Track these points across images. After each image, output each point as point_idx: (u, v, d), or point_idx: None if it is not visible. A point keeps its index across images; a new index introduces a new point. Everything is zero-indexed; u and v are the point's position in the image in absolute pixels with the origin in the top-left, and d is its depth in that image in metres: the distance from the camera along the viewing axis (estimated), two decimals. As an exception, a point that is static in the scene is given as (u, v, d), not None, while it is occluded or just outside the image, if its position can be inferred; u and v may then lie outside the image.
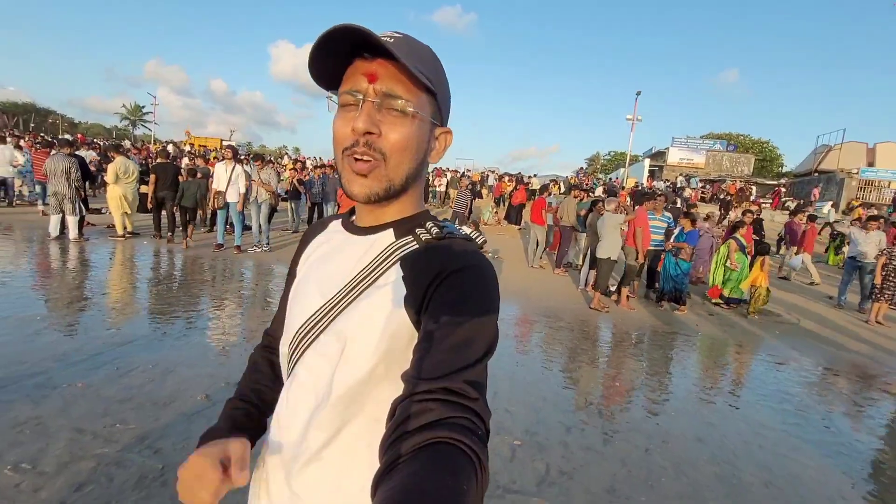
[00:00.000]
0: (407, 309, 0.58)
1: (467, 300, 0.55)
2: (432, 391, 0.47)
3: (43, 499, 1.92)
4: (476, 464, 0.42)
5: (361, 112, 0.58)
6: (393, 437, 0.45)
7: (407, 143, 0.60)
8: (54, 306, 4.35)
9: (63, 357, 3.26)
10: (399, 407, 0.48)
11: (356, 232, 0.68)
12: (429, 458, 0.41)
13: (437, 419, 0.45)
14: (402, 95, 0.59)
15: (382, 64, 0.58)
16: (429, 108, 0.63)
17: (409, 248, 0.62)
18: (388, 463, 0.43)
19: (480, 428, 0.46)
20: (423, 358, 0.51)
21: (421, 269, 0.59)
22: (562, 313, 6.17)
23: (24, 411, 2.53)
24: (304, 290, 0.69)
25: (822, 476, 2.82)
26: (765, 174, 37.60)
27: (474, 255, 0.60)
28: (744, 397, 4.02)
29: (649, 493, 2.43)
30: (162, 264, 6.66)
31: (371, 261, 0.63)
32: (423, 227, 0.64)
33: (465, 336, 0.52)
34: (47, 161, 6.99)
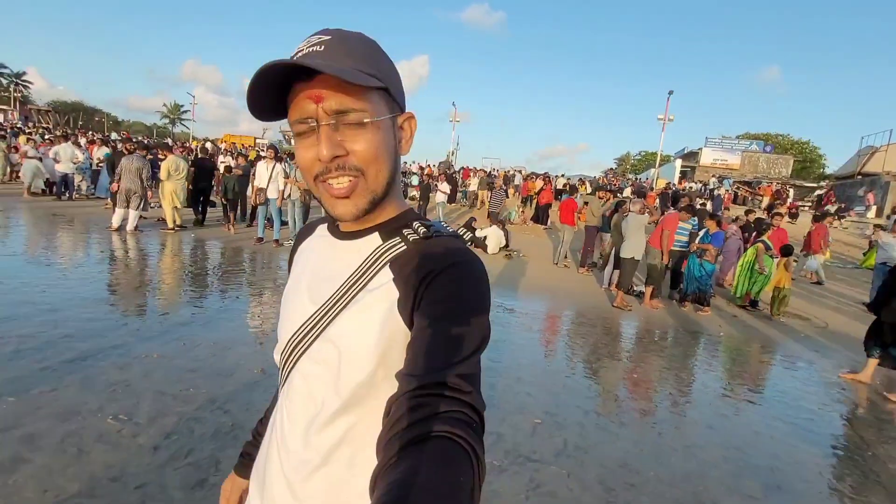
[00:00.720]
0: (400, 311, 0.58)
1: (457, 296, 0.55)
2: (426, 387, 0.47)
3: (141, 443, 2.32)
4: (472, 456, 0.43)
5: (321, 138, 0.57)
6: (389, 434, 0.46)
7: (377, 151, 0.59)
8: (123, 290, 4.87)
9: (137, 333, 3.72)
10: (394, 404, 0.49)
11: (342, 237, 0.68)
12: (425, 453, 0.42)
13: (432, 414, 0.45)
14: (354, 107, 0.56)
15: (323, 80, 0.55)
16: (384, 105, 0.60)
17: (398, 250, 0.62)
18: (386, 460, 0.44)
19: (475, 420, 0.47)
20: (416, 355, 0.52)
21: (411, 269, 0.59)
22: (585, 310, 6.37)
23: (113, 375, 2.98)
24: (295, 297, 0.69)
25: (828, 466, 2.98)
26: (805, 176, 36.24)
27: (462, 252, 0.60)
28: (759, 394, 4.16)
29: (658, 468, 2.66)
30: (209, 255, 7.20)
31: (360, 265, 0.63)
32: (410, 228, 0.64)
33: (457, 332, 0.52)
34: (123, 160, 7.69)
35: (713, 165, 32.53)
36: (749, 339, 5.90)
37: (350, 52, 0.57)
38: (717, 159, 33.24)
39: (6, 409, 2.46)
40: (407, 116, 0.66)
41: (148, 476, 2.09)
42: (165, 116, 64.59)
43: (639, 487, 2.46)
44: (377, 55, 0.61)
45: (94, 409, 2.56)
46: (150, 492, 2.00)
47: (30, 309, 3.92)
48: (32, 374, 2.85)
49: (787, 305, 6.98)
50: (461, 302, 0.55)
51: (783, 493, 2.61)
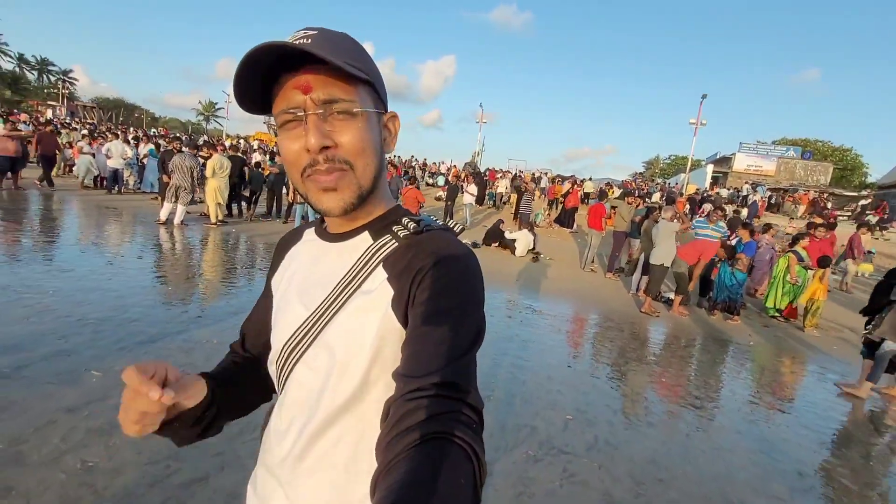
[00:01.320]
0: (394, 309, 0.57)
1: (448, 292, 0.55)
2: (423, 388, 0.47)
3: (213, 417, 2.60)
4: (472, 457, 0.43)
5: (310, 128, 0.56)
6: (388, 436, 0.45)
7: (364, 143, 0.59)
8: (177, 280, 5.25)
9: (195, 320, 4.04)
10: (392, 406, 0.48)
11: (331, 239, 0.67)
12: (425, 455, 0.41)
13: (431, 415, 0.45)
14: (343, 97, 0.56)
15: (311, 70, 0.55)
16: (370, 99, 0.60)
17: (390, 248, 0.61)
18: (386, 462, 0.43)
19: (475, 420, 0.47)
20: (411, 355, 0.51)
21: (403, 266, 0.58)
22: (612, 315, 6.45)
23: (180, 357, 3.29)
24: (287, 303, 0.67)
25: (857, 474, 3.03)
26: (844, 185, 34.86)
27: (453, 246, 0.60)
28: (788, 402, 4.19)
29: (686, 467, 2.79)
30: (251, 248, 7.58)
31: (352, 266, 0.62)
32: (400, 224, 0.63)
33: (451, 329, 0.52)
34: (176, 157, 8.18)
35: (747, 171, 31.66)
36: (779, 350, 5.88)
37: (335, 46, 0.57)
38: (750, 165, 32.33)
39: (96, 383, 2.78)
40: (391, 115, 0.66)
41: (223, 446, 2.35)
42: (201, 114, 66.90)
43: (667, 483, 2.60)
44: (361, 52, 0.61)
45: (170, 386, 2.86)
46: (227, 459, 2.26)
47: (100, 295, 4.30)
48: (112, 353, 3.17)
49: (819, 317, 6.88)
50: (453, 297, 0.54)
51: (810, 496, 2.70)
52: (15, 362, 2.85)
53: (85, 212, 8.79)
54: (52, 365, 2.89)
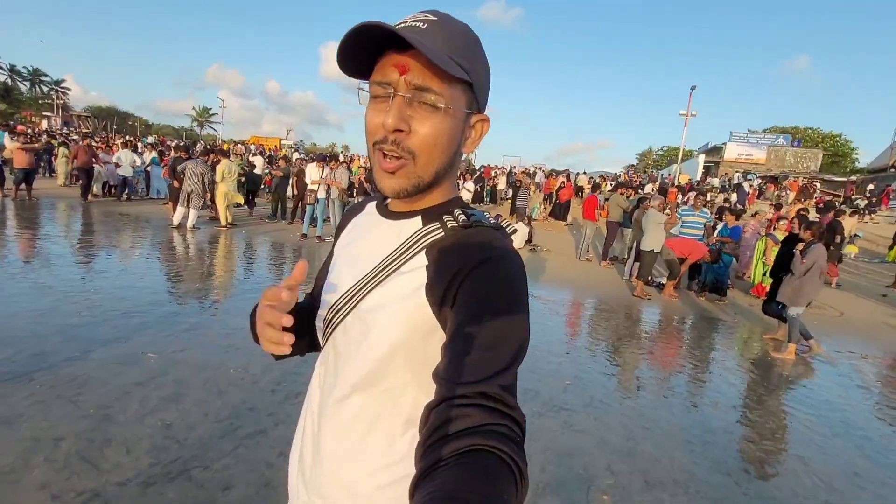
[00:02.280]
0: (429, 298, 0.58)
1: (495, 295, 0.54)
2: (469, 396, 0.47)
3: (261, 387, 3.01)
4: (516, 473, 0.43)
5: (392, 107, 0.57)
6: (430, 441, 0.46)
7: (437, 139, 0.59)
8: (202, 277, 5.65)
9: (227, 312, 4.45)
10: (434, 411, 0.48)
11: (387, 216, 0.69)
12: (469, 465, 0.41)
13: (477, 425, 0.45)
14: (435, 89, 0.57)
15: (415, 54, 0.55)
16: (463, 98, 0.61)
17: (436, 236, 0.62)
18: (428, 466, 0.43)
19: (518, 435, 0.47)
20: (454, 358, 0.51)
21: (447, 257, 0.59)
22: (607, 299, 6.89)
23: (221, 342, 3.69)
24: (338, 269, 0.71)
25: (819, 421, 3.48)
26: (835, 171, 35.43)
27: (501, 245, 0.60)
28: (764, 369, 4.64)
29: (670, 418, 3.22)
30: (263, 250, 7.97)
31: (398, 247, 0.64)
32: (451, 215, 0.63)
33: (496, 335, 0.52)
34: (189, 163, 8.56)
35: (738, 160, 32.17)
36: (761, 326, 6.32)
37: (448, 38, 0.58)
38: (741, 154, 32.84)
39: (153, 363, 3.18)
40: (481, 118, 0.66)
41: (273, 408, 2.76)
42: (195, 120, 66.95)
43: (652, 430, 3.03)
44: (473, 50, 0.61)
45: (218, 363, 3.26)
46: (280, 418, 2.67)
47: (136, 292, 4.69)
48: (161, 339, 3.58)
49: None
50: (498, 301, 0.54)
51: (777, 439, 3.13)
52: (81, 347, 3.25)
53: (101, 219, 9.15)
54: (112, 350, 3.30)
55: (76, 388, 2.73)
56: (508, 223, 0.67)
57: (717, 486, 2.50)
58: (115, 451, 2.22)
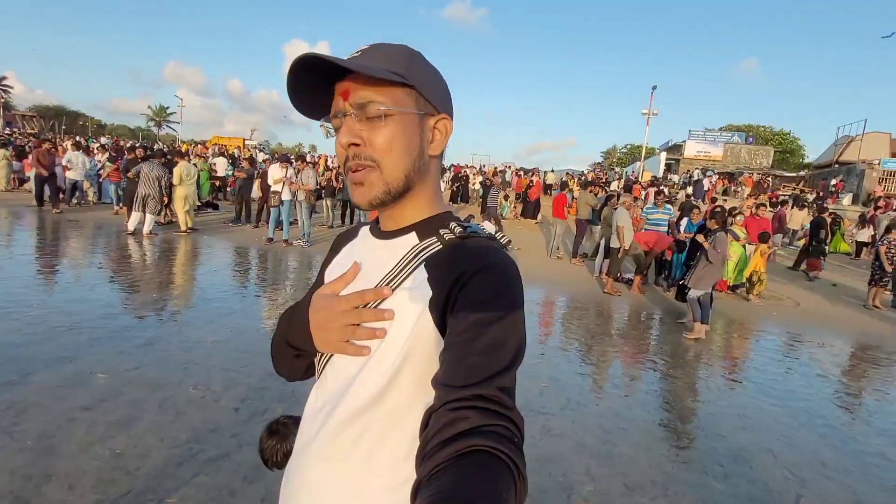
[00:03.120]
0: (431, 311, 0.59)
1: (493, 301, 0.55)
2: (466, 398, 0.47)
3: (223, 406, 2.82)
4: (514, 472, 0.43)
5: (343, 127, 0.61)
6: (430, 445, 0.46)
7: (392, 143, 0.61)
8: (159, 287, 5.32)
9: (188, 323, 4.20)
10: (433, 416, 0.48)
11: (381, 236, 0.70)
12: (468, 467, 0.42)
13: (474, 427, 0.45)
14: (374, 100, 0.60)
15: (353, 79, 0.60)
16: (411, 101, 0.63)
17: (434, 249, 0.63)
18: (428, 471, 0.44)
19: (516, 435, 0.47)
20: (453, 364, 0.51)
21: (445, 269, 0.60)
22: (578, 296, 6.95)
23: (181, 356, 3.46)
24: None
25: (784, 411, 3.58)
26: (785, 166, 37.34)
27: (498, 254, 0.61)
28: (732, 360, 4.77)
29: (646, 415, 3.24)
30: (227, 255, 7.63)
31: (396, 263, 0.64)
32: (447, 228, 0.65)
33: (494, 339, 0.52)
34: (144, 166, 8.07)
35: (697, 157, 33.40)
36: (726, 319, 6.54)
37: (383, 56, 0.62)
38: (700, 151, 34.11)
39: (103, 385, 2.94)
40: (441, 118, 0.67)
41: (237, 428, 2.59)
42: (151, 119, 63.99)
43: (629, 430, 3.03)
44: (411, 60, 0.64)
45: (177, 381, 3.05)
46: (245, 439, 2.50)
47: (87, 305, 4.36)
48: (113, 357, 3.32)
49: (764, 287, 7.64)
50: (496, 307, 0.55)
51: (747, 432, 3.19)
52: (21, 370, 2.97)
53: (48, 226, 8.54)
54: (57, 370, 3.03)
55: (13, 418, 2.48)
56: (503, 234, 0.69)
57: (696, 486, 2.51)
58: (55, 487, 2.01)
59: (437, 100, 0.67)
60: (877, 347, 5.72)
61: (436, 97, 0.67)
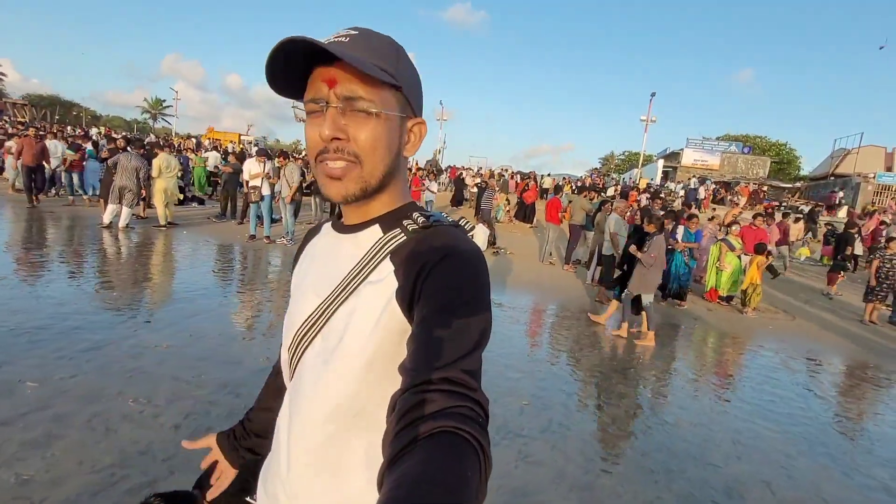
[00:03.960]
0: (399, 302, 0.58)
1: (456, 287, 0.55)
2: (432, 381, 0.48)
3: (162, 422, 2.52)
4: (479, 451, 0.43)
5: (326, 119, 0.59)
6: (396, 429, 0.46)
7: (376, 142, 0.61)
8: (124, 285, 5.00)
9: (145, 325, 3.89)
10: (399, 400, 0.49)
11: (344, 231, 0.69)
12: (433, 448, 0.42)
13: (439, 409, 0.45)
14: (364, 96, 0.59)
15: (340, 67, 0.58)
16: (395, 102, 0.62)
17: (398, 241, 0.63)
18: (393, 454, 0.44)
19: (481, 416, 0.48)
20: (418, 349, 0.52)
21: (410, 260, 0.59)
22: (569, 305, 6.68)
23: (128, 363, 3.16)
24: (301, 293, 0.71)
25: (782, 438, 3.32)
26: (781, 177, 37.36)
27: (462, 241, 0.61)
28: (725, 378, 4.51)
29: (633, 441, 2.96)
30: (205, 252, 7.30)
31: (361, 257, 0.64)
32: (410, 218, 0.64)
33: (458, 324, 0.52)
34: (121, 157, 7.73)
35: (694, 166, 33.33)
36: (720, 332, 6.29)
37: (372, 48, 0.60)
38: (697, 160, 34.05)
39: (31, 394, 2.63)
40: (417, 121, 0.68)
41: (173, 450, 2.29)
42: (146, 112, 63.33)
43: (615, 458, 2.76)
44: (398, 58, 0.63)
45: (115, 393, 2.75)
46: (177, 463, 2.20)
47: (37, 303, 4.05)
48: (51, 363, 3.01)
49: (759, 299, 7.41)
50: (460, 293, 0.55)
51: (742, 462, 2.93)
52: (-62, 377, 2.66)
53: (19, 216, 8.18)
54: (-19, 378, 2.72)
55: (-89, 434, 2.17)
56: (466, 221, 0.67)
57: (684, 526, 2.24)
58: (-63, 523, 1.71)
59: (417, 103, 0.67)
60: (875, 367, 5.48)
61: (416, 100, 0.67)
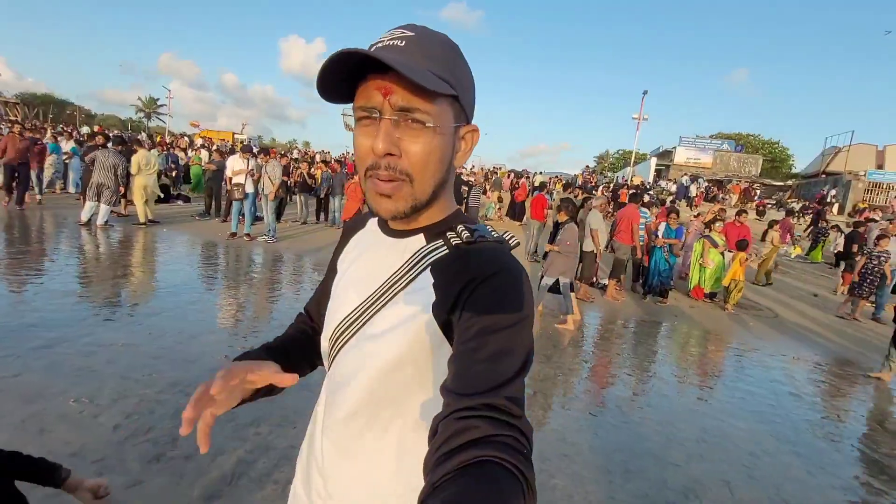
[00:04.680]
0: (436, 315, 0.58)
1: (501, 307, 0.54)
2: (475, 408, 0.46)
3: (101, 422, 2.44)
4: (523, 483, 0.42)
5: (380, 131, 0.57)
6: (437, 454, 0.45)
7: (429, 158, 0.58)
8: (92, 282, 4.90)
9: (104, 323, 3.79)
10: (441, 424, 0.47)
11: (390, 234, 0.68)
12: (475, 477, 0.41)
13: (482, 437, 0.44)
14: (420, 108, 0.56)
15: (396, 76, 0.54)
16: (450, 112, 0.60)
17: (440, 253, 0.62)
18: (435, 481, 0.42)
19: (525, 446, 0.46)
20: (461, 371, 0.50)
21: (452, 274, 0.58)
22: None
23: (78, 361, 3.07)
24: (344, 288, 0.70)
25: (748, 436, 3.27)
26: (774, 175, 37.47)
27: (506, 259, 0.59)
28: (700, 377, 4.46)
29: (595, 440, 2.90)
30: (181, 250, 7.21)
31: (402, 265, 0.63)
32: (454, 231, 0.63)
33: (502, 346, 0.51)
34: (98, 153, 7.61)
35: (687, 164, 33.35)
36: (701, 329, 6.25)
37: (428, 53, 0.57)
38: (690, 158, 34.07)
39: (-31, 394, 2.54)
40: (471, 129, 0.65)
41: (106, 451, 2.21)
42: (140, 110, 62.87)
43: (572, 458, 2.69)
44: (455, 61, 0.60)
45: (58, 392, 2.66)
46: (109, 465, 2.12)
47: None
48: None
49: (740, 296, 7.38)
50: (505, 316, 0.53)
51: (705, 461, 2.87)
52: None
53: (-7, 214, 8.05)
54: (-82, 377, 2.63)
55: None
56: (512, 236, 0.66)
57: (635, 527, 2.18)
58: None
59: (470, 108, 0.65)
60: (853, 364, 5.45)
61: (469, 105, 0.64)
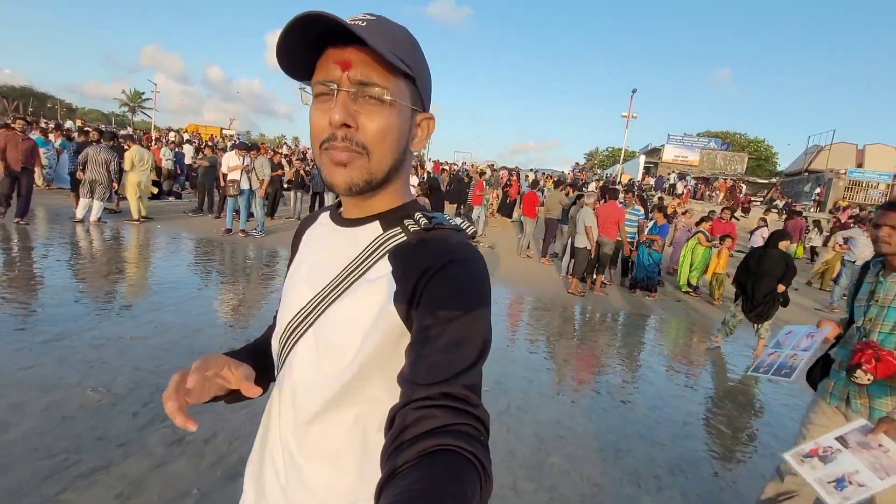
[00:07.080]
0: (396, 305, 0.57)
1: (458, 296, 0.54)
2: (432, 397, 0.46)
3: (121, 410, 2.55)
4: (480, 471, 0.42)
5: (336, 103, 0.56)
6: (395, 444, 0.45)
7: (386, 133, 0.58)
8: (91, 279, 4.96)
9: (108, 318, 3.87)
10: (398, 414, 0.47)
11: (343, 224, 0.67)
12: (433, 466, 0.41)
13: (440, 426, 0.44)
14: (379, 82, 0.56)
15: (356, 50, 0.55)
16: (408, 94, 0.60)
17: (398, 241, 0.61)
18: (392, 470, 0.42)
19: (483, 434, 0.46)
20: (417, 360, 0.50)
21: (410, 262, 0.58)
22: (542, 296, 6.81)
23: (89, 354, 3.16)
24: (293, 285, 0.68)
25: (729, 421, 3.48)
26: (759, 173, 38.19)
27: (464, 247, 0.59)
28: (685, 365, 4.68)
29: (587, 423, 3.08)
30: (177, 246, 7.24)
31: (359, 254, 0.62)
32: (412, 218, 0.62)
33: (459, 335, 0.51)
34: (90, 149, 7.59)
35: (674, 162, 33.84)
36: (686, 321, 6.49)
37: (389, 36, 0.57)
38: (678, 156, 34.58)
39: (-13, 384, 2.63)
40: (427, 117, 0.65)
41: (129, 436, 2.33)
42: (125, 104, 61.77)
43: (567, 439, 2.87)
44: (414, 49, 0.61)
45: (74, 382, 2.76)
46: (133, 448, 2.24)
47: (-2, 296, 4.00)
48: (8, 354, 3.00)
49: (722, 290, 7.65)
50: (462, 303, 0.53)
51: (690, 440, 3.07)
52: None
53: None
54: (-65, 369, 2.70)
55: None
56: (469, 224, 0.66)
57: (626, 499, 2.36)
58: None
59: (427, 97, 0.65)
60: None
61: (426, 94, 0.65)
